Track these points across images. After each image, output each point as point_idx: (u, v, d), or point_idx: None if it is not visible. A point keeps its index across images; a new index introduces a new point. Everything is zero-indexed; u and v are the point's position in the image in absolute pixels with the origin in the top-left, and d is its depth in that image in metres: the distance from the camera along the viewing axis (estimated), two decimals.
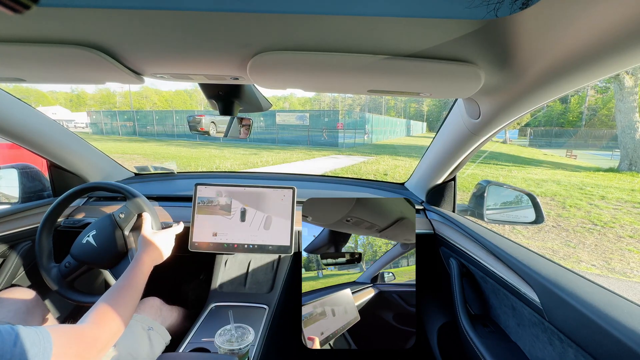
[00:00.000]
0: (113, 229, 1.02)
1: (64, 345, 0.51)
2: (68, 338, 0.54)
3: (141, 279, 0.78)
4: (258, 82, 0.69)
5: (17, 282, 1.16)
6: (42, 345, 0.48)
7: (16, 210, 1.14)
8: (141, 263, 0.81)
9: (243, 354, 0.77)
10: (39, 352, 0.47)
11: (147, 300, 1.05)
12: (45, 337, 0.49)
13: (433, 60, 0.53)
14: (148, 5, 0.43)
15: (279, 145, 17.27)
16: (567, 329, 0.58)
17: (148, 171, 1.68)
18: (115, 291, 0.71)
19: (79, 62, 0.60)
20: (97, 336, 0.59)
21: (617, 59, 0.45)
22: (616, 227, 4.48)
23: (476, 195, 1.20)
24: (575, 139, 28.05)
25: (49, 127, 1.12)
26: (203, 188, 1.13)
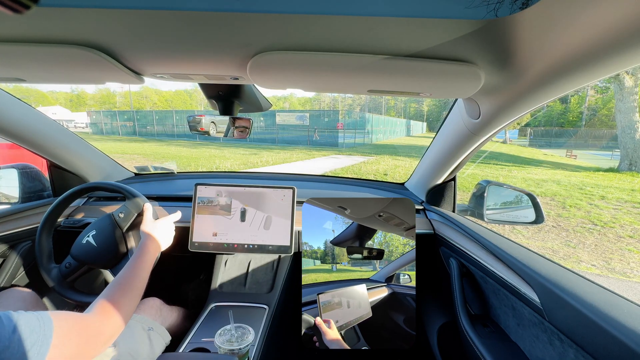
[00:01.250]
0: (113, 229, 1.02)
1: (65, 335, 0.50)
2: (70, 326, 0.52)
3: (146, 268, 0.78)
4: (258, 82, 0.69)
5: (17, 282, 1.16)
6: (42, 333, 0.47)
7: (16, 210, 1.14)
8: (145, 251, 0.81)
9: (243, 354, 0.77)
10: (38, 340, 0.46)
11: (147, 301, 1.05)
12: (46, 323, 0.48)
13: (433, 60, 0.53)
14: (148, 5, 0.43)
15: (279, 145, 17.27)
16: (567, 329, 0.58)
17: (148, 171, 1.68)
18: (121, 281, 0.71)
19: (79, 62, 0.60)
20: (101, 328, 0.58)
21: (617, 59, 0.44)
22: (616, 227, 4.48)
23: (476, 195, 1.20)
24: (575, 139, 28.05)
25: (49, 127, 1.12)
26: (203, 188, 1.13)
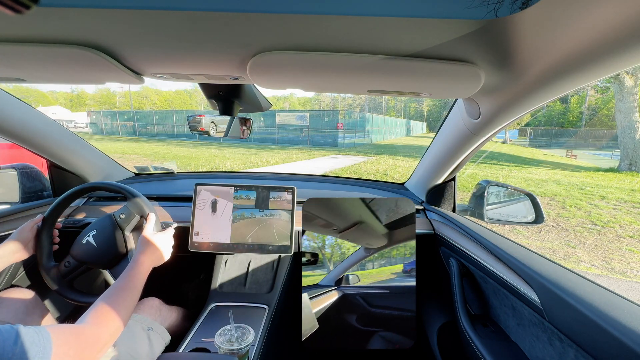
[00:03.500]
0: (113, 230, 1.02)
1: (63, 345, 0.51)
2: (67, 338, 0.53)
3: (140, 279, 0.78)
4: (258, 82, 0.69)
5: (17, 282, 1.16)
6: (42, 345, 0.48)
7: (16, 210, 1.14)
8: (139, 264, 0.80)
9: (243, 354, 0.77)
10: (39, 352, 0.47)
11: (146, 301, 1.05)
12: (44, 336, 0.49)
13: (433, 60, 0.53)
14: (148, 5, 0.43)
15: (279, 145, 17.26)
16: (567, 329, 0.58)
17: (148, 171, 1.68)
18: (113, 291, 0.71)
19: (79, 62, 0.60)
20: (96, 336, 0.59)
21: (617, 59, 0.44)
22: (616, 227, 4.47)
23: (476, 195, 1.20)
24: (575, 139, 28.04)
25: (49, 127, 1.12)
26: (203, 188, 1.13)
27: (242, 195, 1.13)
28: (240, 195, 1.13)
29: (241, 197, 1.13)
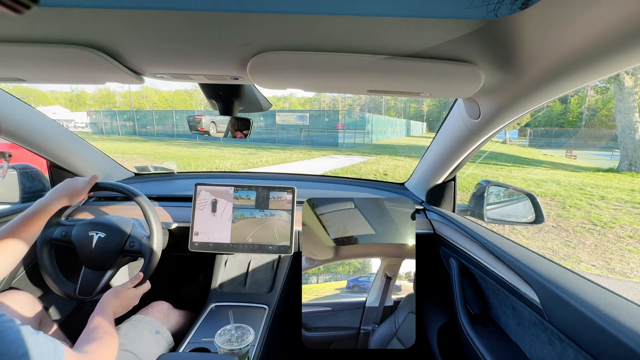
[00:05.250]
0: (117, 247, 1.00)
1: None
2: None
3: (108, 320, 0.76)
4: (258, 82, 0.69)
5: (17, 282, 1.16)
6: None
7: (16, 210, 1.14)
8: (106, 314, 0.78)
9: (243, 354, 0.77)
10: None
11: (156, 304, 1.05)
12: (59, 348, 0.52)
13: (433, 60, 0.53)
14: (148, 5, 0.43)
15: (278, 145, 17.26)
16: (567, 329, 0.58)
17: (148, 171, 1.68)
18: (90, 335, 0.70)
19: (79, 62, 0.60)
20: None
21: (617, 59, 0.44)
22: (616, 228, 4.47)
23: (476, 195, 1.20)
24: (575, 139, 28.02)
25: (48, 127, 1.12)
26: (203, 188, 1.13)
27: (242, 195, 1.13)
28: (240, 195, 1.13)
29: (241, 197, 1.13)
